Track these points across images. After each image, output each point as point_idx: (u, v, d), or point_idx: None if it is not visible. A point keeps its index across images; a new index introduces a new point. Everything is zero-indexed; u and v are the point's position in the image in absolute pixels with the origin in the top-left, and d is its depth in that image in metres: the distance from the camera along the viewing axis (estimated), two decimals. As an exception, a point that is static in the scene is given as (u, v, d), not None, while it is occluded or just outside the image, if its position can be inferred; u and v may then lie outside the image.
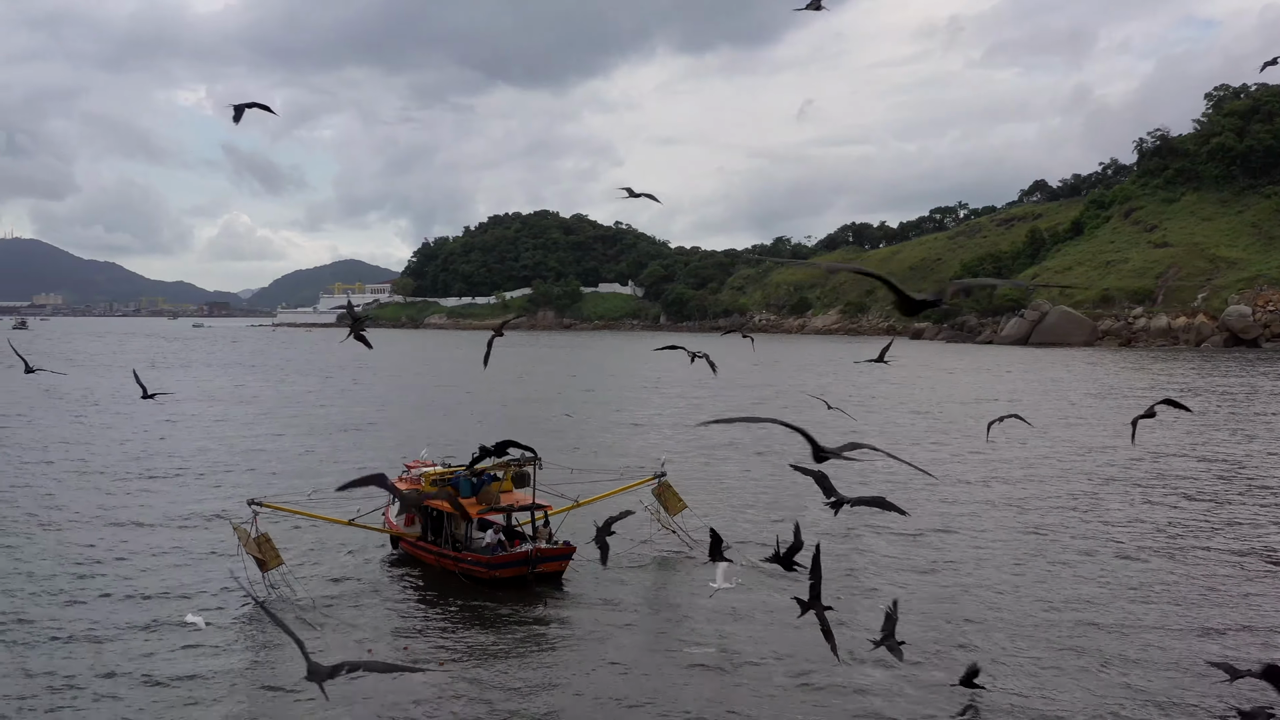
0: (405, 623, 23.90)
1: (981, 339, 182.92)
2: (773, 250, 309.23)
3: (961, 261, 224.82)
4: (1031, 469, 44.78)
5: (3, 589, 25.81)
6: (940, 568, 28.49)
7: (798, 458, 18.31)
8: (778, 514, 35.01)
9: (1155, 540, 31.63)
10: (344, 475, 39.57)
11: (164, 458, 47.73)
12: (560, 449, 45.29)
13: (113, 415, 65.70)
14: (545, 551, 26.18)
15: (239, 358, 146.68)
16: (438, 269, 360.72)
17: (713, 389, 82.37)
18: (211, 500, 36.81)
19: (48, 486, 40.12)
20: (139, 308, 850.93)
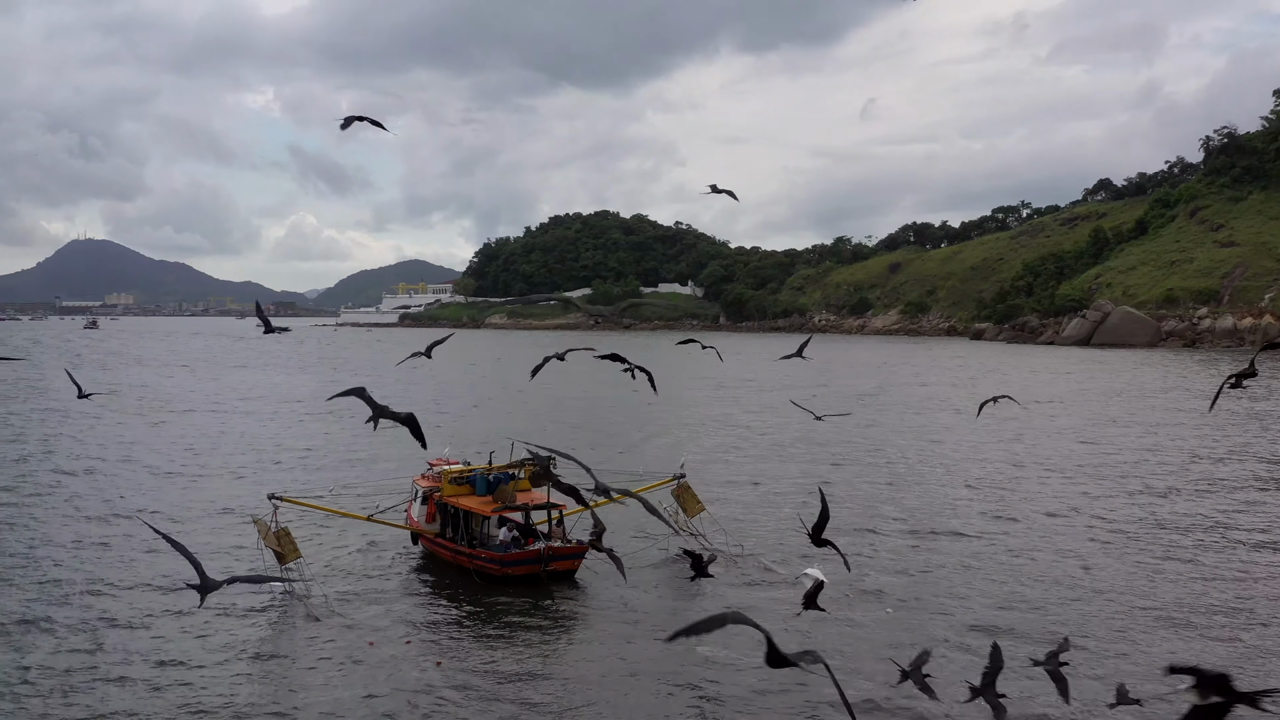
0: (414, 617, 24.19)
1: (1043, 340, 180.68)
2: (833, 250, 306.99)
3: (1024, 261, 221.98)
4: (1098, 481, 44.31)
5: (39, 577, 26.50)
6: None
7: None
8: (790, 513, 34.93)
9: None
10: (377, 474, 40.21)
11: (214, 454, 48.65)
12: (587, 446, 45.42)
13: (172, 414, 66.96)
14: (557, 550, 26.35)
15: (297, 357, 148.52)
16: (499, 269, 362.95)
17: (762, 388, 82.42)
18: (247, 495, 37.41)
19: (97, 481, 41.05)
20: (207, 308, 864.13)
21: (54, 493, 38.72)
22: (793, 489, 40.10)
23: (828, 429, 58.08)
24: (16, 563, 28.26)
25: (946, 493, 39.82)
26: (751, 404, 74.79)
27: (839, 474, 43.98)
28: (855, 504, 37.33)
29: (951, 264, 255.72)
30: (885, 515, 35.13)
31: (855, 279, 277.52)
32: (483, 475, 27.41)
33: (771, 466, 45.48)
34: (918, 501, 37.80)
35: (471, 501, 26.97)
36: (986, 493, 39.48)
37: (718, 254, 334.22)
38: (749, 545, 30.04)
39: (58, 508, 35.85)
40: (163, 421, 61.78)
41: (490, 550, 26.39)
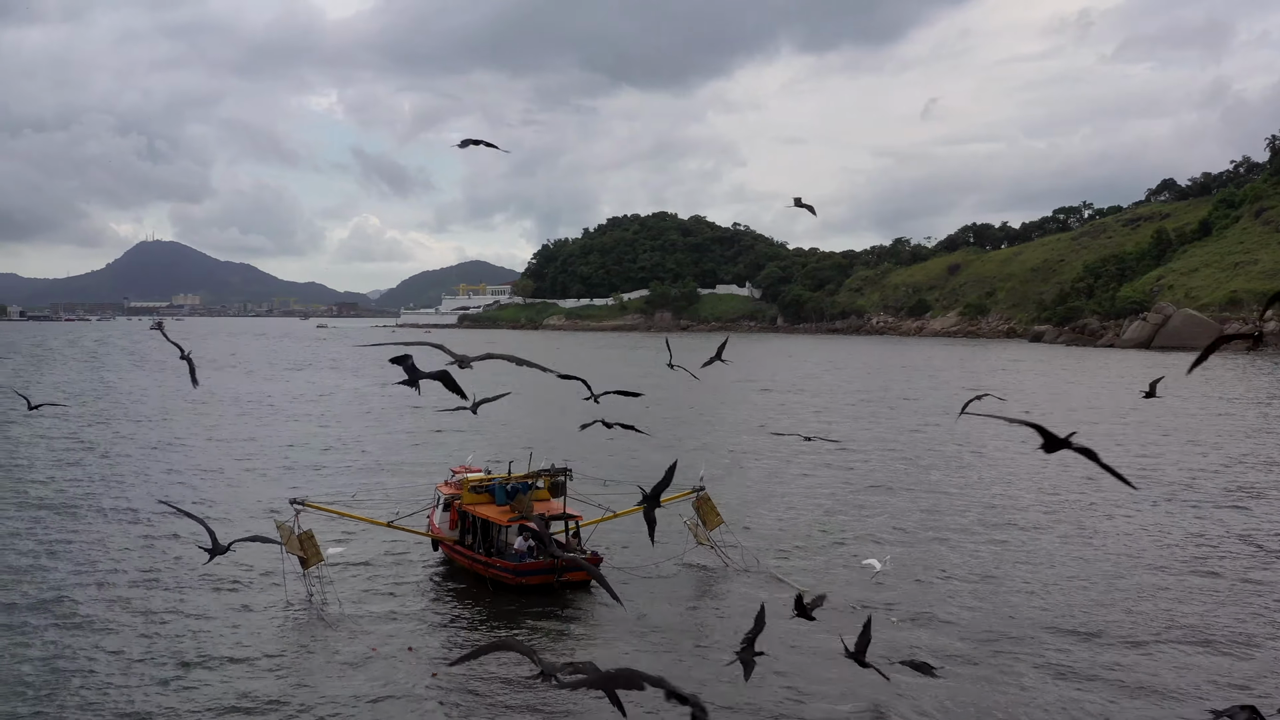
0: (423, 624, 24.44)
1: (1102, 342, 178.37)
2: (891, 251, 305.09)
3: (1084, 263, 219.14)
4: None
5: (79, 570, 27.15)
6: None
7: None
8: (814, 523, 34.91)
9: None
10: (401, 479, 40.62)
11: (262, 456, 49.39)
12: (610, 455, 45.49)
13: (235, 415, 68.12)
14: (573, 562, 26.46)
15: (351, 359, 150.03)
16: (557, 270, 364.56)
17: (816, 394, 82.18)
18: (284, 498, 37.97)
19: (141, 480, 41.89)
20: (272, 308, 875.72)
21: (83, 491, 39.52)
22: (809, 498, 40.01)
23: (870, 437, 57.85)
24: (39, 562, 28.91)
25: (966, 499, 39.55)
26: (784, 408, 74.54)
27: (861, 482, 43.83)
28: (886, 512, 37.19)
29: (1011, 265, 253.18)
30: (911, 524, 34.96)
31: (914, 280, 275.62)
32: (501, 485, 27.63)
33: (795, 473, 45.34)
34: (940, 505, 37.59)
35: (489, 510, 27.20)
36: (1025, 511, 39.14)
37: (776, 255, 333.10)
38: (764, 556, 29.96)
39: (84, 507, 36.60)
40: (216, 425, 62.75)
41: (505, 559, 26.59)
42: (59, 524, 34.21)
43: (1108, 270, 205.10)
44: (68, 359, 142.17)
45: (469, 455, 32.98)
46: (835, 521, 35.37)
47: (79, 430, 59.52)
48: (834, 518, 36.07)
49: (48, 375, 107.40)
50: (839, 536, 33.13)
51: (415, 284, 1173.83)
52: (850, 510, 37.42)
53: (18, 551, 30.40)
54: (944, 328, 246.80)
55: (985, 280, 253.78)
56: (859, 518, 36.03)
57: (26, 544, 31.31)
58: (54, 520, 34.80)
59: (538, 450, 32.53)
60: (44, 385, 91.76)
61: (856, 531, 33.89)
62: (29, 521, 34.54)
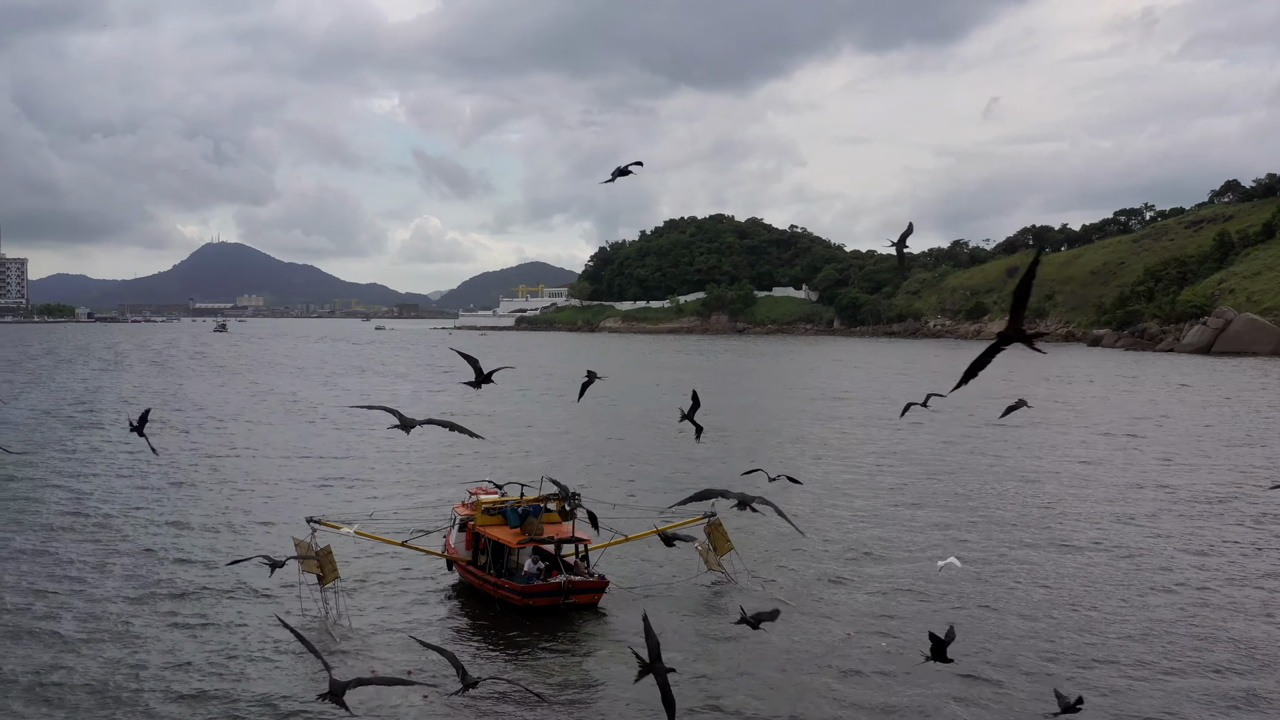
0: (429, 642, 24.82)
1: (1162, 347, 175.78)
2: (949, 254, 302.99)
3: (1145, 265, 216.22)
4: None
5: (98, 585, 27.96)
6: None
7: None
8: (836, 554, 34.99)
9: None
10: (420, 498, 41.22)
11: (299, 466, 50.26)
12: (624, 479, 45.60)
13: (281, 422, 69.22)
14: (578, 584, 26.87)
15: (404, 362, 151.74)
16: (613, 273, 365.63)
17: (862, 401, 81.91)
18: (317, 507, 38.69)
19: (177, 489, 42.89)
20: (334, 309, 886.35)
21: (111, 501, 40.53)
22: (833, 519, 40.08)
23: (920, 447, 57.67)
24: (64, 569, 29.74)
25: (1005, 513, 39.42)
26: (832, 416, 74.43)
27: (893, 498, 43.81)
28: (916, 526, 37.22)
29: (1071, 268, 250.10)
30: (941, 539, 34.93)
31: (972, 283, 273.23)
32: (512, 508, 28.05)
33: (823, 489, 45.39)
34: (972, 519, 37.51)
35: (500, 532, 27.62)
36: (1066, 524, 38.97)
37: (833, 257, 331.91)
38: (777, 581, 30.09)
39: (112, 516, 37.54)
40: (260, 433, 63.83)
41: (514, 581, 27.01)
42: (83, 536, 35.10)
43: (1168, 273, 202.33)
44: (136, 364, 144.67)
45: (486, 478, 33.32)
46: (869, 538, 35.44)
47: (130, 436, 60.80)
48: (869, 533, 36.14)
49: (120, 379, 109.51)
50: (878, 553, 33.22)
51: (476, 285, 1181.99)
52: (892, 524, 37.48)
53: (51, 559, 31.31)
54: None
55: (1044, 283, 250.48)
56: (902, 531, 36.09)
57: (58, 552, 32.21)
58: (79, 532, 35.71)
59: (561, 474, 32.95)
60: (115, 392, 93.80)
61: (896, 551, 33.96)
62: (59, 530, 35.51)
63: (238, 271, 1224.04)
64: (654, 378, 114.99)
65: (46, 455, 53.30)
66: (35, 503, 40.74)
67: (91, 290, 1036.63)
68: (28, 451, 52.16)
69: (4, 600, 27.71)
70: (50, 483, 45.23)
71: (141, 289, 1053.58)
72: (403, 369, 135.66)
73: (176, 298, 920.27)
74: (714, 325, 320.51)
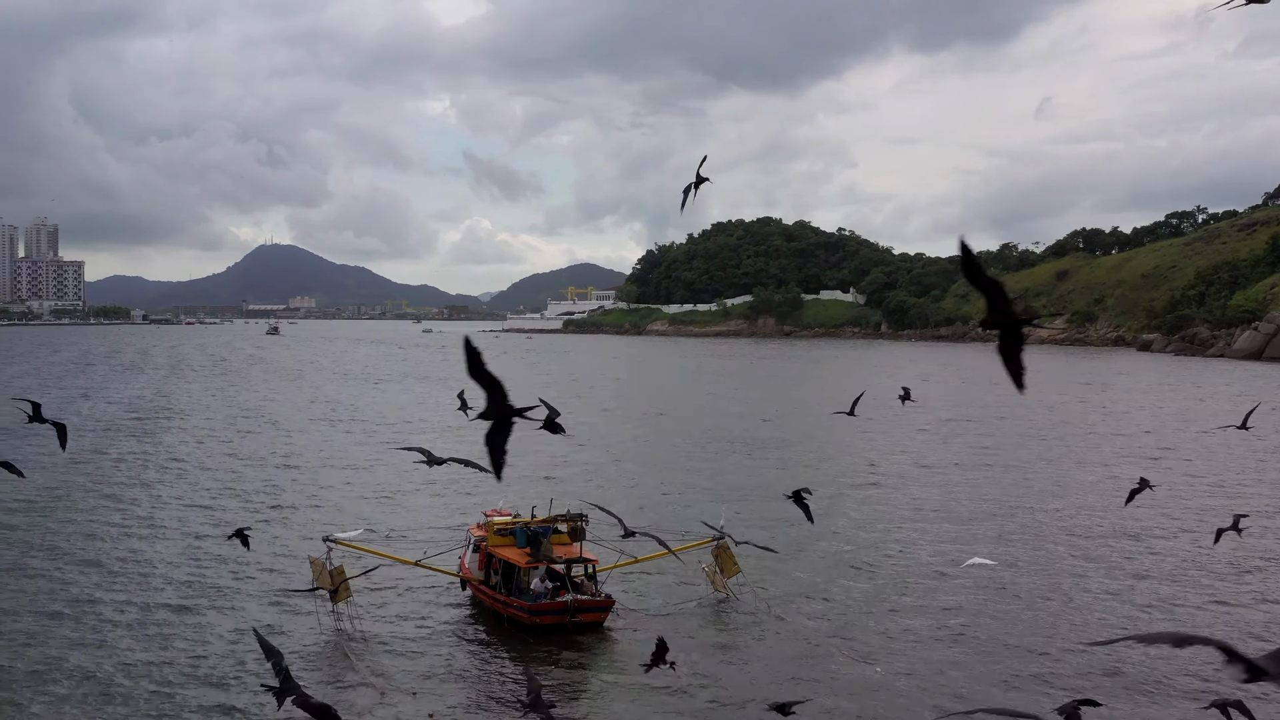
0: (437, 663, 25.58)
1: (1212, 352, 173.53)
2: (998, 257, 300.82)
3: (1196, 269, 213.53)
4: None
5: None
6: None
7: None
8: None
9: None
10: (434, 517, 41.96)
11: (332, 473, 51.27)
12: (647, 498, 45.86)
13: (323, 430, 70.45)
14: (584, 603, 27.46)
15: (447, 367, 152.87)
16: (661, 276, 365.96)
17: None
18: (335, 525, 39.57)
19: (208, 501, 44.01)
20: (384, 311, 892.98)
21: (134, 510, 41.67)
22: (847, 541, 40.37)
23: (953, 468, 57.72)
24: (88, 575, 30.74)
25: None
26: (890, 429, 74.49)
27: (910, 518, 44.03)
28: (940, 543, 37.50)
29: (1122, 271, 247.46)
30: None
31: (1021, 286, 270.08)
32: (522, 529, 28.72)
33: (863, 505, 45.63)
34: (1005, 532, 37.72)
35: (510, 553, 28.32)
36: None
37: (881, 260, 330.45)
38: (777, 605, 30.41)
39: (136, 525, 38.63)
40: (289, 439, 65.00)
41: (522, 600, 27.63)
42: (112, 541, 36.16)
43: (1220, 277, 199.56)
44: (196, 369, 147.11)
45: (500, 500, 33.90)
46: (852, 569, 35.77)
47: (174, 443, 62.29)
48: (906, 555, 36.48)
49: (183, 385, 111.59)
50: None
51: (526, 286, 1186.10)
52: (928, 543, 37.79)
53: (73, 563, 32.35)
54: (1051, 335, 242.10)
55: (1094, 287, 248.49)
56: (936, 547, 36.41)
57: (89, 555, 33.25)
58: (108, 537, 36.78)
59: (578, 492, 33.55)
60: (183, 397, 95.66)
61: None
62: (88, 536, 36.61)
63: (291, 273, 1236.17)
64: (681, 392, 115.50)
65: (99, 465, 54.74)
66: (77, 512, 41.95)
67: (148, 292, 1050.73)
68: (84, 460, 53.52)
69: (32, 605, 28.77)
70: (100, 491, 46.52)
71: (196, 290, 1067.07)
72: (445, 373, 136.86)
73: (230, 299, 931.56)
74: (761, 328, 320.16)
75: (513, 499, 34.94)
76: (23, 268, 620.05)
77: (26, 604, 29.51)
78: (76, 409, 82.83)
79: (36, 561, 34.32)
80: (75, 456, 54.79)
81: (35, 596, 30.31)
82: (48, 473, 49.20)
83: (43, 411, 19.54)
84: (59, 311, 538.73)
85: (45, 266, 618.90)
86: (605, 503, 31.16)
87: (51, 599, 29.98)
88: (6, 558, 34.76)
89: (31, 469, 43.52)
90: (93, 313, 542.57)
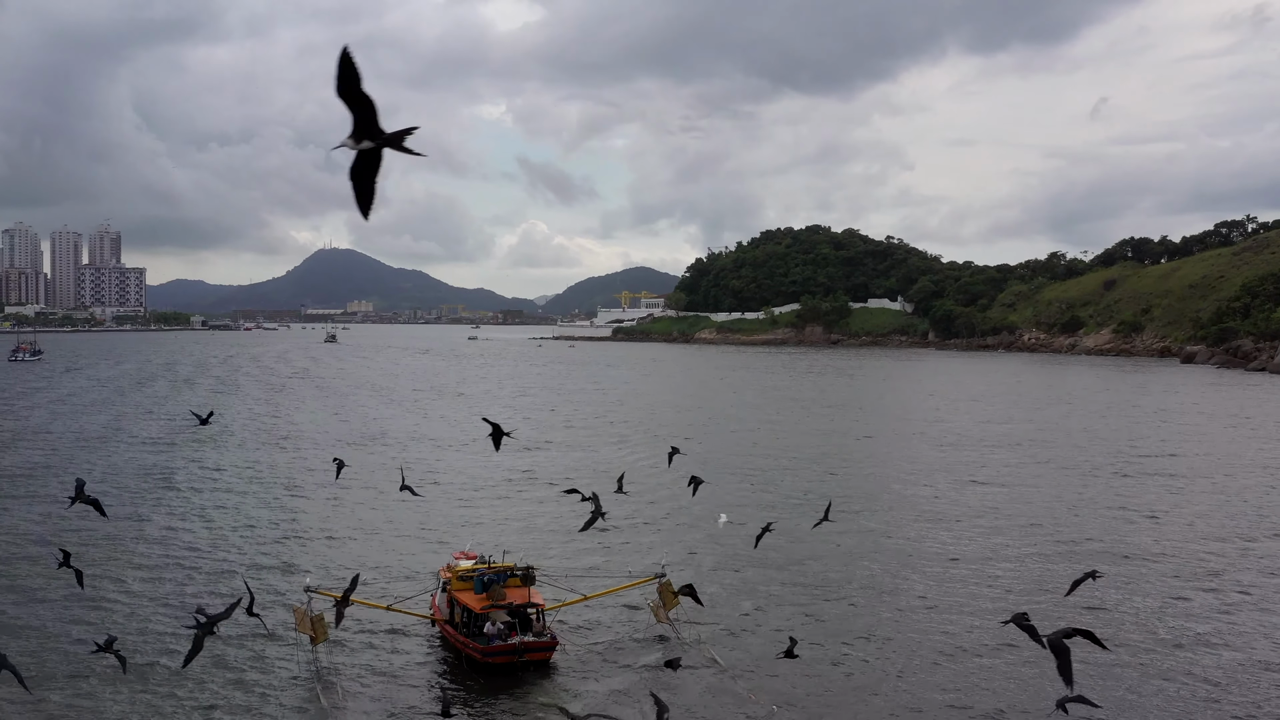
0: (401, 698, 28.19)
1: (1254, 366, 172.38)
2: (1046, 266, 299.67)
3: (1243, 279, 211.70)
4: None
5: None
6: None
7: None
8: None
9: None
10: (411, 560, 44.41)
11: (324, 513, 54.14)
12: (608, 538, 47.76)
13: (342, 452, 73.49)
14: (530, 644, 29.93)
15: (487, 380, 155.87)
16: (710, 284, 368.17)
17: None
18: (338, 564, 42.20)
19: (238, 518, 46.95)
20: (440, 315, 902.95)
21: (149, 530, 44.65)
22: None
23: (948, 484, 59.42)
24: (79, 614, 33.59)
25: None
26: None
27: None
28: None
29: (1169, 281, 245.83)
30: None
31: (1068, 295, 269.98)
32: (479, 576, 31.35)
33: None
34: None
35: (468, 598, 30.93)
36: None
37: (928, 269, 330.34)
38: (709, 636, 32.68)
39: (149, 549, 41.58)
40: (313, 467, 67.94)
41: (477, 641, 30.17)
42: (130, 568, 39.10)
43: (1265, 289, 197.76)
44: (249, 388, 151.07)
45: (469, 543, 36.49)
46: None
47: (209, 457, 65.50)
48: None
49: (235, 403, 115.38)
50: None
51: (581, 290, 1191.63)
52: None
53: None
54: (1097, 345, 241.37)
55: (1141, 296, 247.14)
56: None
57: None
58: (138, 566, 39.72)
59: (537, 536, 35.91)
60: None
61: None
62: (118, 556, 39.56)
63: (349, 276, 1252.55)
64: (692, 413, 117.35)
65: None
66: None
67: (209, 295, 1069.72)
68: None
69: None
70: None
71: (257, 294, 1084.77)
72: (489, 387, 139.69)
73: (290, 303, 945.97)
74: (808, 336, 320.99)
75: (484, 541, 37.54)
76: (86, 274, 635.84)
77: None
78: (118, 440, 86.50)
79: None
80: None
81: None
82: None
83: (84, 490, 22.85)
84: (121, 318, 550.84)
85: (108, 273, 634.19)
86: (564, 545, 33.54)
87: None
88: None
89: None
90: (154, 319, 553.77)
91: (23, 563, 41.39)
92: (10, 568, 40.68)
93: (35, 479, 61.22)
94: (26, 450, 73.11)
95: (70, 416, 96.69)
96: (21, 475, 62.45)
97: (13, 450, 72.98)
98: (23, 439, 79.44)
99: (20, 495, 56.03)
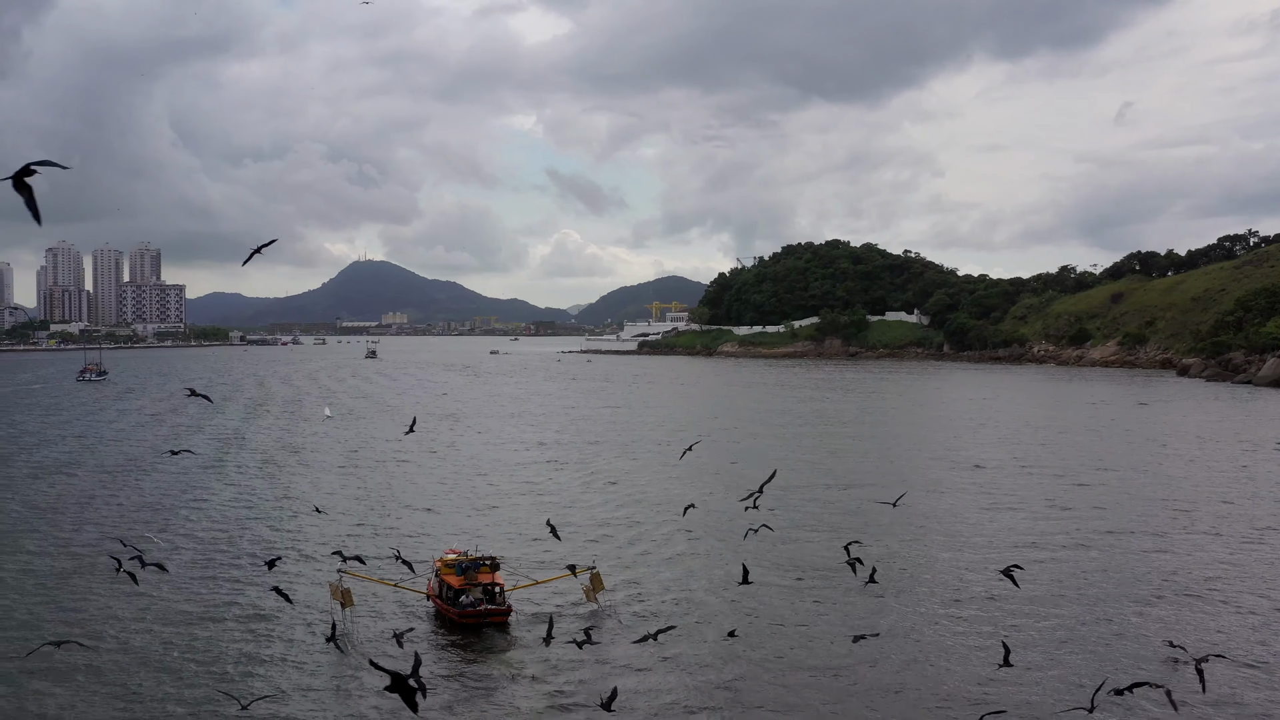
0: (407, 645, 38.55)
1: (1241, 379, 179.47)
2: (1057, 279, 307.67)
3: (1242, 292, 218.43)
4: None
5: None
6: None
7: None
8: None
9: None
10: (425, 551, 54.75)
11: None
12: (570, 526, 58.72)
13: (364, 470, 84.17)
14: (492, 610, 41.01)
15: (509, 405, 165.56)
16: (732, 298, 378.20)
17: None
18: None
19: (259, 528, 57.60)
20: (473, 327, 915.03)
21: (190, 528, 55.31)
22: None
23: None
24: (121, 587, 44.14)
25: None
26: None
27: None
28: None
29: (1174, 294, 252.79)
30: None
31: (1077, 309, 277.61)
32: (459, 563, 42.38)
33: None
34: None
35: (452, 578, 42.12)
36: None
37: (944, 282, 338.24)
38: (623, 612, 43.03)
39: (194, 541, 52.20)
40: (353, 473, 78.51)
41: (455, 608, 40.98)
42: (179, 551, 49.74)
43: (1258, 303, 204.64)
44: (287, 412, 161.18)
45: (455, 541, 47.89)
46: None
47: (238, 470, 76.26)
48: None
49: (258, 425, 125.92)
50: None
51: (614, 299, 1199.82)
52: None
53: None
54: (1102, 357, 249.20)
55: (1146, 309, 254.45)
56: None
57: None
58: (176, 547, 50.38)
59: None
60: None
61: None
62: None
63: (384, 288, 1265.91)
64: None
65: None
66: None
67: (246, 309, 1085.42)
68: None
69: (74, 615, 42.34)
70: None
71: (294, 307, 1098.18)
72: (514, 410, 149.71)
73: (326, 315, 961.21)
74: (827, 349, 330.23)
75: (465, 542, 48.52)
76: (128, 291, 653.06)
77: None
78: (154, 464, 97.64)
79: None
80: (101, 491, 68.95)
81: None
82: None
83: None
84: (162, 334, 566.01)
85: (149, 290, 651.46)
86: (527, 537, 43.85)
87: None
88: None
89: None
90: (193, 334, 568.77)
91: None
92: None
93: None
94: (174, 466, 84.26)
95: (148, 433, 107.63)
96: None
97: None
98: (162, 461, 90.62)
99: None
